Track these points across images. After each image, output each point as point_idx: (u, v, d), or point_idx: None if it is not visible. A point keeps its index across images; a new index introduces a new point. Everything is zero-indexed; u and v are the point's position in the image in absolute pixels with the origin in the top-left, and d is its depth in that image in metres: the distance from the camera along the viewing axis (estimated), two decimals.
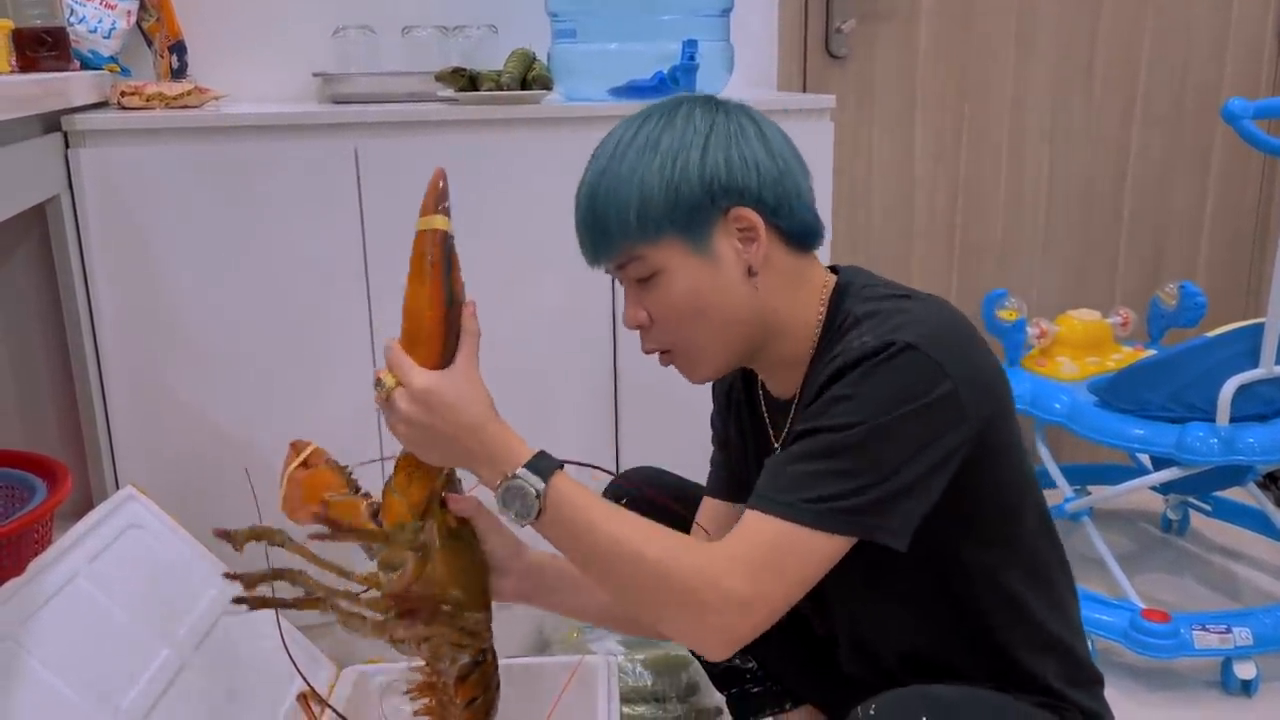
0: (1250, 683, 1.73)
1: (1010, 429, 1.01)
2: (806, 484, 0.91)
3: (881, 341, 0.92)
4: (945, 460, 0.93)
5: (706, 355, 1.04)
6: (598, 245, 1.02)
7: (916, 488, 0.92)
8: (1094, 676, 1.09)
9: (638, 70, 1.67)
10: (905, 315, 0.96)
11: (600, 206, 1.00)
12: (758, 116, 1.02)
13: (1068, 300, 2.43)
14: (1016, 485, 1.03)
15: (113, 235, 1.53)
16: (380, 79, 1.77)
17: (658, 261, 0.99)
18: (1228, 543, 2.26)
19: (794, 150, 1.03)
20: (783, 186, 0.99)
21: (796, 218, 1.01)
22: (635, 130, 1.01)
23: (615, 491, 1.34)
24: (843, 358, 0.94)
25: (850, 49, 2.22)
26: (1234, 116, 1.63)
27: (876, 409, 0.90)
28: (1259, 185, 2.56)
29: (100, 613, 1.18)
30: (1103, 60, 2.38)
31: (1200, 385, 1.75)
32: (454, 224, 1.06)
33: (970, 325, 1.01)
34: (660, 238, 0.98)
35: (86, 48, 1.67)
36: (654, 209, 0.97)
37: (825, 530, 0.90)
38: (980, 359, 0.98)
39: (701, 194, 0.97)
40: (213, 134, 1.55)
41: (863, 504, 0.90)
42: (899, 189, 2.33)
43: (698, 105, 1.01)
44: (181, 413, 1.61)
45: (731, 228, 0.99)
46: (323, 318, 1.64)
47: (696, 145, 0.98)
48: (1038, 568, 1.05)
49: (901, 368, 0.91)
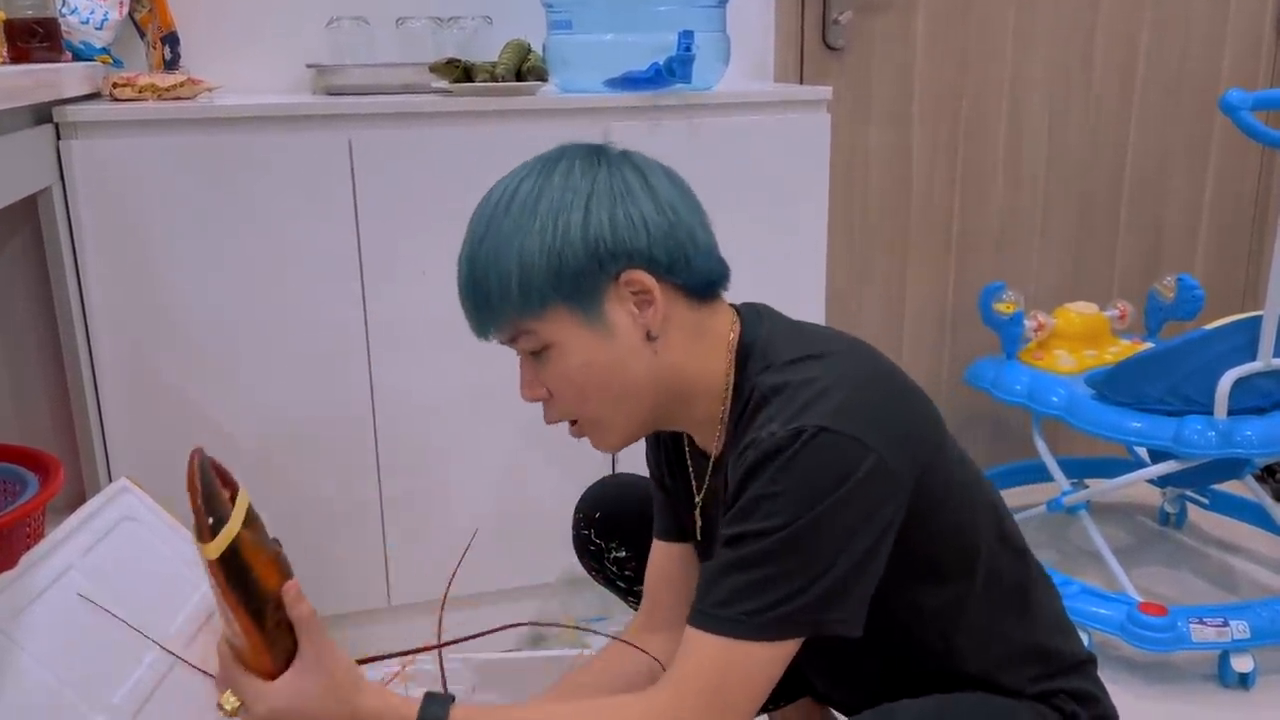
0: (1247, 676, 1.73)
1: (947, 465, 0.97)
2: (744, 595, 0.87)
3: (790, 431, 0.86)
4: (884, 533, 0.89)
5: (613, 427, 0.99)
6: (482, 319, 0.95)
7: (858, 572, 0.88)
8: (1082, 660, 1.07)
9: (634, 61, 1.66)
10: (811, 389, 0.90)
11: (479, 277, 0.93)
12: (642, 163, 0.96)
13: (1065, 293, 2.43)
14: (967, 516, 0.99)
15: (105, 227, 1.52)
16: (374, 70, 1.76)
17: (547, 335, 0.93)
18: (1225, 536, 2.26)
19: (683, 192, 0.96)
20: (674, 240, 0.93)
21: (694, 270, 0.95)
22: (512, 191, 0.93)
23: (582, 516, 1.34)
24: (754, 450, 0.88)
25: (847, 41, 2.21)
26: (1232, 108, 1.63)
27: (800, 504, 0.86)
28: (1257, 178, 2.55)
29: (93, 607, 1.17)
30: (1101, 52, 2.37)
31: (1198, 378, 1.75)
32: (245, 502, 0.97)
33: (885, 368, 0.97)
34: (546, 309, 0.92)
35: (78, 39, 1.66)
36: (536, 279, 0.90)
37: (771, 639, 0.87)
38: (899, 408, 0.94)
39: (587, 260, 0.90)
40: (205, 126, 1.54)
41: (807, 603, 0.86)
42: (896, 181, 2.32)
43: (578, 159, 0.94)
44: (175, 405, 1.60)
45: (624, 293, 0.92)
46: (316, 310, 1.63)
47: (578, 206, 0.91)
48: (1002, 585, 1.02)
49: (817, 454, 0.86)
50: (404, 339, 1.68)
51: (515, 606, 1.78)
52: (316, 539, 1.72)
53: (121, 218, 1.53)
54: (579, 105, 1.69)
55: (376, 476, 1.72)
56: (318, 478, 1.70)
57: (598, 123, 1.68)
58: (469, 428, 1.75)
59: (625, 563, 1.32)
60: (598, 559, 1.35)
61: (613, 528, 1.32)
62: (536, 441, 1.78)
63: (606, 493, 1.34)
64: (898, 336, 2.40)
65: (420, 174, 1.63)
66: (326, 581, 1.74)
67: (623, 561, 1.32)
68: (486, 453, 1.77)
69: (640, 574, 1.29)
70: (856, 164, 2.28)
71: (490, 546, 1.77)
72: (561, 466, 1.79)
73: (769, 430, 0.88)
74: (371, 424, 1.70)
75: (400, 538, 1.76)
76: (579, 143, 0.98)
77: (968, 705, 0.97)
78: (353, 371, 1.67)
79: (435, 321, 1.68)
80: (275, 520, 1.72)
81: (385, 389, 1.69)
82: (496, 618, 1.31)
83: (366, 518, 1.74)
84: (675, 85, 1.68)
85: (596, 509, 1.32)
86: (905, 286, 2.38)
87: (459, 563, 1.30)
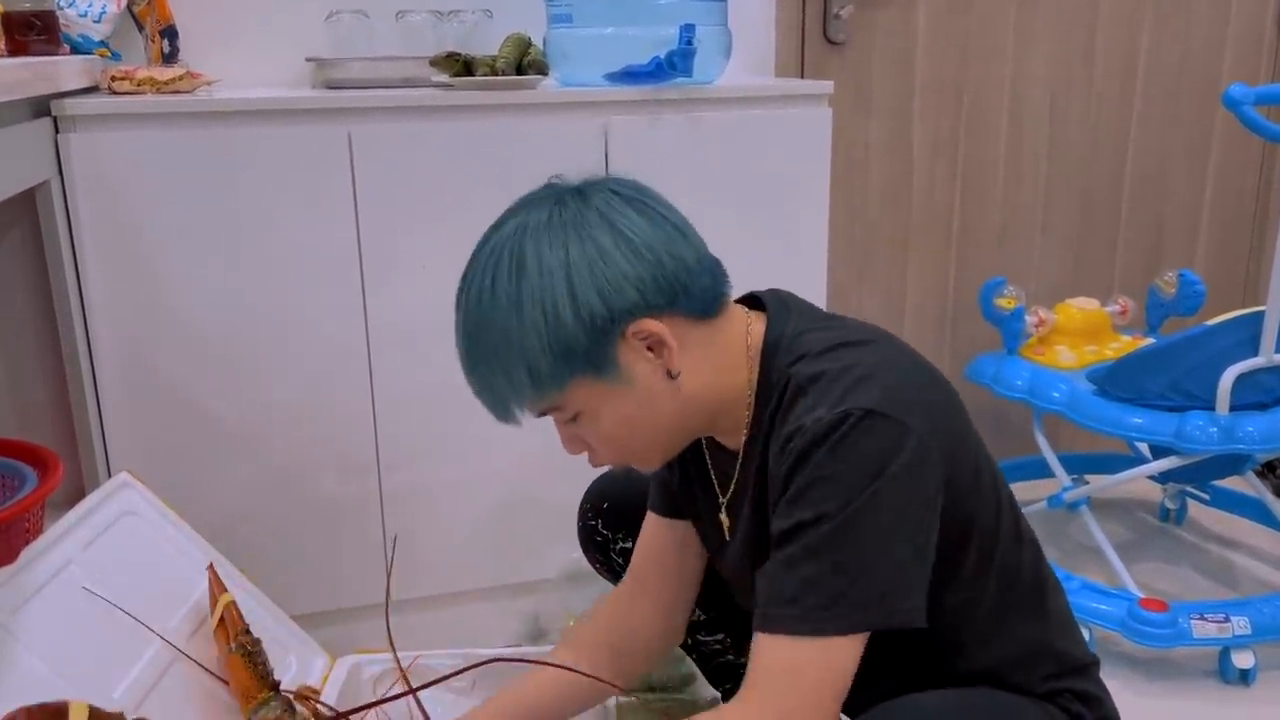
0: (1248, 672, 1.72)
1: (973, 457, 0.97)
2: (809, 590, 0.87)
3: (837, 414, 0.87)
4: (933, 514, 0.90)
5: (652, 458, 1.03)
6: (505, 415, 0.97)
7: (918, 557, 0.89)
8: (1087, 661, 1.07)
9: (634, 55, 1.66)
10: (851, 375, 0.91)
11: (487, 383, 0.95)
12: (605, 206, 0.92)
13: (1066, 288, 2.42)
14: (989, 511, 0.99)
15: (103, 221, 1.52)
16: (374, 64, 1.76)
17: (575, 406, 0.95)
18: (1225, 532, 2.26)
19: (656, 221, 0.93)
20: (664, 280, 0.92)
21: (694, 294, 0.94)
22: (490, 281, 0.91)
23: (589, 507, 1.34)
24: (802, 437, 0.89)
25: (848, 35, 2.21)
26: (1235, 103, 1.62)
27: (853, 489, 0.86)
28: (1258, 173, 2.55)
29: (94, 601, 1.17)
30: (1102, 47, 2.37)
31: (1199, 374, 1.74)
32: None
33: (914, 356, 0.98)
34: (565, 386, 0.93)
35: (76, 32, 1.66)
36: (546, 369, 0.91)
37: (844, 634, 0.87)
38: (932, 395, 0.95)
39: (588, 336, 0.90)
40: (204, 119, 1.53)
41: (872, 593, 0.87)
42: (897, 176, 2.31)
43: (542, 226, 0.91)
44: (174, 399, 1.60)
45: (635, 344, 0.93)
46: (316, 304, 1.63)
47: (561, 291, 0.89)
48: (1017, 584, 1.02)
49: (866, 437, 0.87)
50: (403, 333, 1.67)
51: (515, 603, 1.78)
52: (315, 533, 1.71)
53: (120, 211, 1.52)
54: (579, 99, 1.69)
55: (376, 471, 1.72)
56: (317, 472, 1.69)
57: (598, 117, 1.67)
58: (469, 422, 1.74)
59: (631, 554, 1.32)
60: (603, 550, 1.35)
61: (620, 518, 1.32)
62: (536, 437, 1.77)
63: (614, 483, 1.34)
64: (898, 331, 2.35)
65: (420, 167, 1.63)
66: (326, 576, 1.73)
67: (629, 552, 1.32)
68: (486, 448, 1.76)
69: None
70: (857, 159, 2.27)
71: (490, 542, 1.77)
72: (561, 463, 1.77)
73: (815, 416, 0.89)
74: (371, 418, 1.70)
75: (400, 533, 1.76)
76: (536, 194, 0.96)
77: (974, 701, 0.97)
78: (352, 365, 1.67)
79: (435, 315, 1.67)
80: (273, 515, 1.73)
81: (385, 383, 1.69)
82: (496, 613, 1.31)
83: (366, 512, 1.73)
84: (676, 79, 1.67)
85: (604, 499, 1.33)
86: (906, 281, 2.37)
87: (389, 572, 1.31)
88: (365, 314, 1.65)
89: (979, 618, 1.00)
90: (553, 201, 0.93)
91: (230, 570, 1.40)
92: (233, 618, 1.23)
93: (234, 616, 1.24)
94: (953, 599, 0.96)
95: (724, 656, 1.38)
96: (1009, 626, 1.01)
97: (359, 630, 1.72)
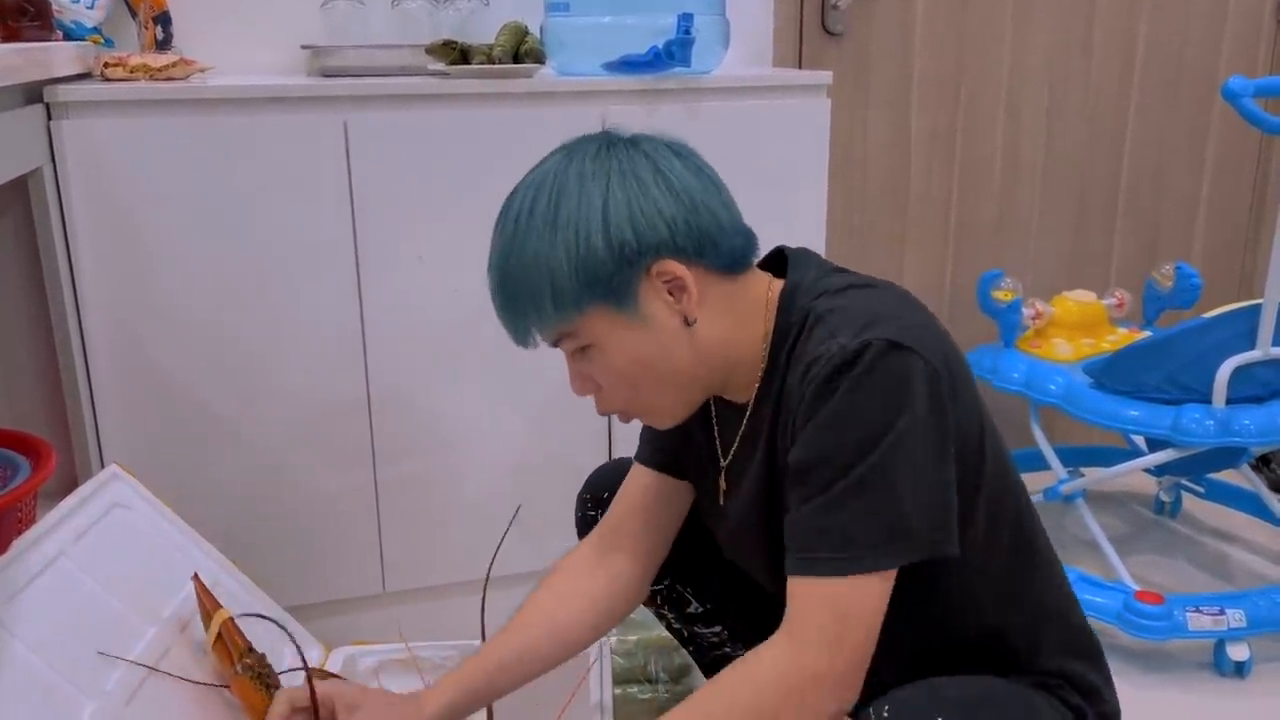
0: (1243, 664, 1.73)
1: (976, 408, 0.98)
2: (843, 530, 0.88)
3: (860, 342, 0.88)
4: (952, 447, 0.91)
5: (664, 410, 1.02)
6: (521, 330, 0.97)
7: (945, 485, 0.90)
8: (1092, 646, 1.08)
9: (632, 44, 1.65)
10: (869, 310, 0.92)
11: (511, 295, 0.95)
12: (653, 150, 0.95)
13: (1063, 281, 2.42)
14: (996, 469, 1.00)
15: (96, 208, 1.50)
16: (370, 52, 1.74)
17: (588, 336, 0.96)
18: (1221, 525, 2.26)
19: (698, 172, 0.96)
20: (697, 225, 0.94)
21: (722, 250, 0.96)
22: (530, 204, 0.94)
23: (589, 497, 1.33)
24: (824, 364, 0.89)
25: (847, 26, 2.20)
26: (1234, 95, 1.62)
27: (879, 424, 0.87)
28: (1255, 166, 2.55)
29: (84, 593, 1.16)
30: (1100, 39, 2.36)
31: (1196, 367, 1.74)
32: None
33: (925, 308, 0.99)
34: (583, 312, 0.94)
35: (69, 18, 1.64)
36: (569, 290, 0.92)
37: (881, 569, 0.89)
38: (946, 342, 0.96)
39: (614, 263, 0.92)
40: (198, 106, 1.52)
41: (906, 528, 0.88)
42: (895, 167, 2.31)
43: (588, 157, 0.94)
44: (167, 389, 1.59)
45: (656, 284, 0.94)
46: (311, 293, 1.62)
47: (595, 213, 0.91)
48: (1024, 548, 1.04)
49: (888, 369, 0.88)
50: (399, 323, 1.67)
51: (508, 594, 1.77)
52: (311, 525, 1.71)
53: (113, 199, 1.51)
54: (576, 88, 1.68)
55: (372, 462, 1.71)
56: (313, 463, 1.68)
57: (595, 106, 1.67)
58: (464, 414, 1.74)
59: None
60: None
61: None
62: (533, 429, 1.77)
63: (614, 474, 1.34)
64: None
65: (416, 156, 1.62)
66: (321, 568, 1.73)
67: None
68: (482, 439, 1.76)
69: None
70: (855, 150, 2.27)
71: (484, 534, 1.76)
72: (558, 455, 1.78)
73: (838, 342, 0.90)
74: (367, 409, 1.69)
75: (395, 525, 1.75)
76: (589, 136, 0.98)
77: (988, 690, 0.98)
78: (347, 355, 1.66)
79: (431, 305, 1.67)
80: (269, 506, 1.72)
81: (380, 374, 1.68)
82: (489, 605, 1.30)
83: (361, 504, 1.73)
84: (674, 69, 1.66)
85: (604, 489, 1.32)
86: (903, 273, 2.37)
87: (502, 539, 1.31)
88: (361, 303, 1.64)
89: (991, 574, 1.01)
90: (603, 142, 0.96)
91: (223, 561, 1.39)
92: (232, 637, 1.19)
93: (233, 635, 1.19)
94: (967, 552, 0.96)
95: (721, 649, 1.38)
96: (1020, 589, 1.03)
97: (353, 622, 1.72)
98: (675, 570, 1.32)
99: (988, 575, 1.01)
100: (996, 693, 0.98)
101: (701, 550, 1.26)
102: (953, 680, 0.96)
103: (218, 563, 1.38)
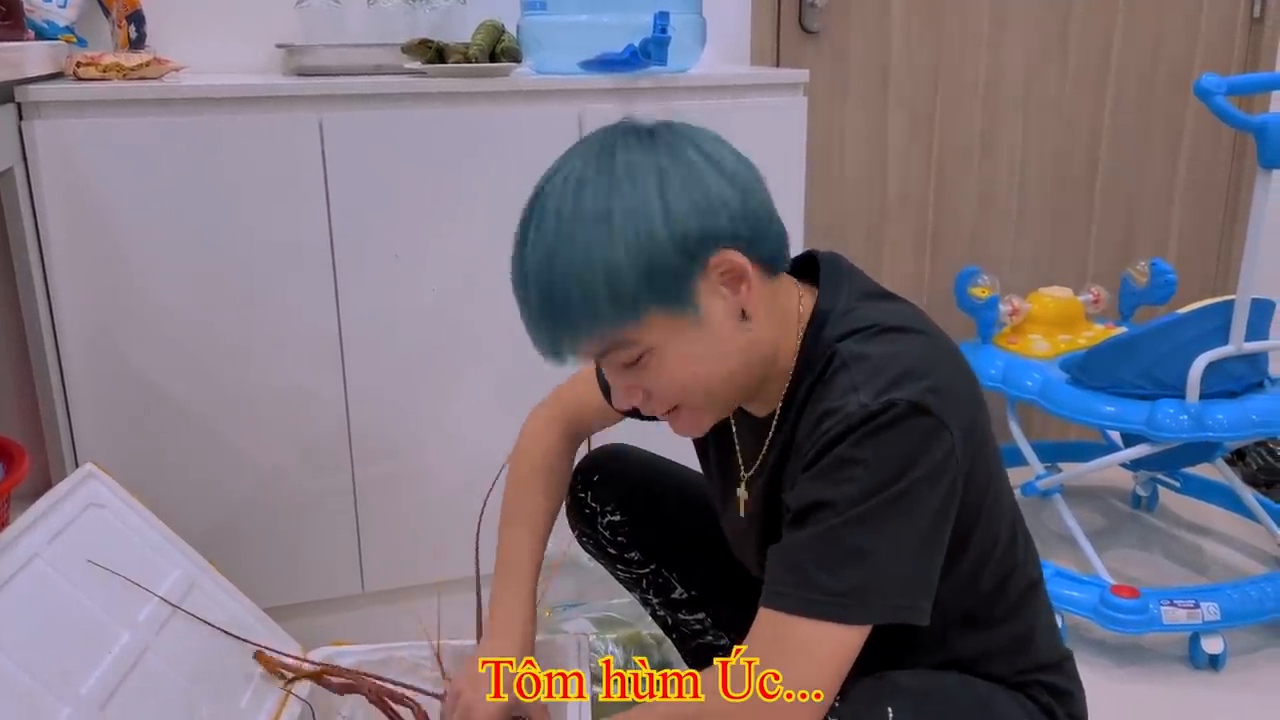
0: (1218, 657, 1.74)
1: (990, 456, 0.97)
2: (826, 576, 0.85)
3: (882, 403, 0.85)
4: (951, 515, 0.89)
5: (706, 413, 0.97)
6: (564, 340, 0.89)
7: (933, 555, 0.89)
8: (1062, 656, 1.08)
9: (609, 43, 1.65)
10: (899, 364, 0.88)
11: (559, 297, 0.86)
12: (697, 137, 0.91)
13: (1040, 278, 2.43)
14: (994, 513, 0.98)
15: (69, 209, 1.49)
16: (345, 51, 1.74)
17: (646, 341, 0.89)
18: (1196, 519, 2.28)
19: (740, 159, 0.93)
20: (750, 211, 0.89)
21: (770, 239, 0.92)
22: (571, 201, 0.86)
23: (581, 481, 1.34)
24: (840, 420, 0.86)
25: (824, 24, 2.20)
26: (1207, 93, 1.63)
27: (883, 481, 0.84)
28: (1229, 163, 2.57)
29: (60, 595, 1.15)
30: (1076, 37, 2.37)
31: (1170, 362, 1.75)
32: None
33: (953, 347, 0.96)
34: (641, 316, 0.87)
35: (41, 17, 1.63)
36: (628, 288, 0.85)
37: (853, 624, 0.86)
38: (971, 399, 0.94)
39: (676, 255, 0.86)
40: (172, 106, 1.51)
41: (888, 590, 0.86)
42: (872, 164, 2.32)
43: (633, 150, 0.88)
44: (141, 390, 1.58)
45: (713, 277, 0.89)
46: (286, 293, 1.61)
47: (654, 203, 0.85)
48: (1007, 584, 1.02)
49: (906, 431, 0.85)
50: (376, 322, 1.66)
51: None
52: (289, 525, 1.70)
53: (86, 200, 1.50)
54: (553, 87, 1.67)
55: (349, 462, 1.71)
56: (288, 462, 1.68)
57: (572, 105, 1.66)
58: (442, 413, 1.74)
59: (618, 528, 1.32)
60: (590, 523, 1.35)
61: (609, 492, 1.32)
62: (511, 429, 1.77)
63: (606, 458, 1.34)
64: None
65: (392, 155, 1.61)
66: (299, 568, 1.72)
67: (615, 526, 1.32)
68: (460, 439, 1.75)
69: (631, 540, 1.32)
70: (832, 148, 2.27)
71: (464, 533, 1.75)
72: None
73: (858, 400, 0.86)
74: (344, 409, 1.68)
75: (374, 524, 1.75)
76: (613, 127, 0.92)
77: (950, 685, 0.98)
78: (324, 356, 1.65)
79: (408, 304, 1.66)
80: (246, 506, 1.71)
81: (357, 374, 1.67)
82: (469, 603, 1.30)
83: (340, 504, 1.72)
84: (650, 67, 1.66)
85: (595, 472, 1.33)
86: (881, 270, 2.37)
87: (486, 498, 1.32)
88: (337, 303, 1.64)
89: (969, 612, 1.00)
90: (638, 130, 0.90)
91: (200, 562, 1.38)
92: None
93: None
94: (946, 591, 0.95)
95: (704, 637, 1.38)
96: (995, 623, 1.01)
97: (329, 622, 1.71)
98: (661, 556, 1.32)
99: (966, 616, 1.00)
100: (950, 686, 0.97)
101: (688, 538, 1.26)
102: (908, 672, 0.96)
103: (195, 563, 1.37)
